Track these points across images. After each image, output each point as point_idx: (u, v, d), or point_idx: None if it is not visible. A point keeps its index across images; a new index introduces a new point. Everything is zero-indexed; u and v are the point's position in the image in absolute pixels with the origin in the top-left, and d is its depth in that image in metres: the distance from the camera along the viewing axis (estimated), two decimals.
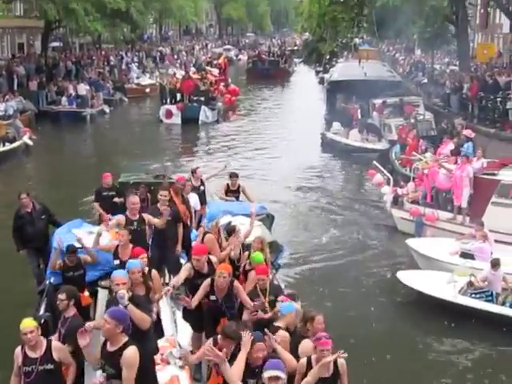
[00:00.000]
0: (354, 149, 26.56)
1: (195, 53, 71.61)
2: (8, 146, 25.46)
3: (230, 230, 10.70)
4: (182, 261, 10.77)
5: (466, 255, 13.85)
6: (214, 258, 9.35)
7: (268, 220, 13.52)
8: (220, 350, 6.77)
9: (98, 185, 13.82)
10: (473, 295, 12.52)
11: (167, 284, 10.38)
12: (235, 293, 8.44)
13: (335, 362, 7.09)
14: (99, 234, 10.45)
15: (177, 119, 34.23)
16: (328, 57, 43.58)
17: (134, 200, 10.83)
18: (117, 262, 9.75)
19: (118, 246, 9.95)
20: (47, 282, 10.75)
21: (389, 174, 18.87)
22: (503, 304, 12.36)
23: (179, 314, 9.72)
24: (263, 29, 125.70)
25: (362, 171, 23.07)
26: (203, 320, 8.72)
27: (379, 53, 47.03)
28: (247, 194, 14.52)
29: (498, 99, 24.52)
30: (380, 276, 14.95)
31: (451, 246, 14.43)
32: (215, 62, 51.82)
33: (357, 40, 42.83)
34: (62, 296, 8.28)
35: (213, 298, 8.49)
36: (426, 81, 37.67)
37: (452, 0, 31.53)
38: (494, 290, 12.54)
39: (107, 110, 37.92)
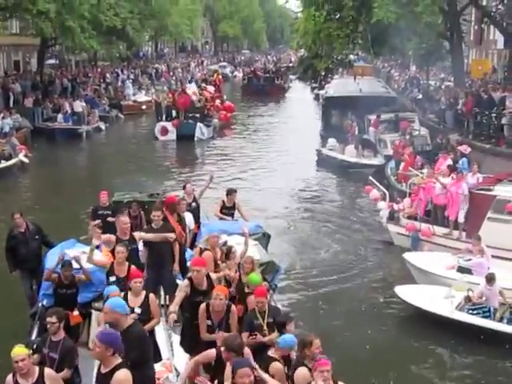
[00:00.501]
0: (349, 165, 26.62)
1: (191, 70, 71.81)
2: (3, 164, 25.43)
3: (227, 251, 10.57)
4: (179, 281, 10.55)
5: (463, 270, 13.84)
6: (213, 275, 9.23)
7: (264, 239, 13.29)
8: (224, 364, 6.86)
9: (94, 203, 13.87)
10: (470, 311, 12.49)
11: (163, 306, 10.40)
12: (229, 317, 8.31)
13: None
14: (92, 250, 10.26)
15: (172, 136, 34.19)
16: (323, 73, 43.76)
17: (124, 220, 10.70)
18: (113, 278, 9.59)
19: (113, 262, 9.81)
20: (40, 305, 10.57)
21: (385, 190, 18.89)
22: (501, 320, 12.31)
23: (175, 337, 9.57)
24: (259, 45, 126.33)
25: (358, 187, 23.10)
26: (198, 344, 8.44)
27: (374, 69, 47.39)
28: (242, 211, 14.33)
29: (493, 115, 24.56)
30: (377, 291, 14.92)
31: (448, 261, 14.43)
32: (210, 78, 51.94)
33: (352, 56, 43.07)
34: (52, 319, 8.13)
35: (208, 322, 8.31)
36: (420, 97, 37.79)
37: (446, 17, 31.68)
38: (491, 305, 12.50)
39: (103, 126, 37.93)
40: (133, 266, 9.67)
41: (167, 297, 10.64)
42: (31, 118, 34.36)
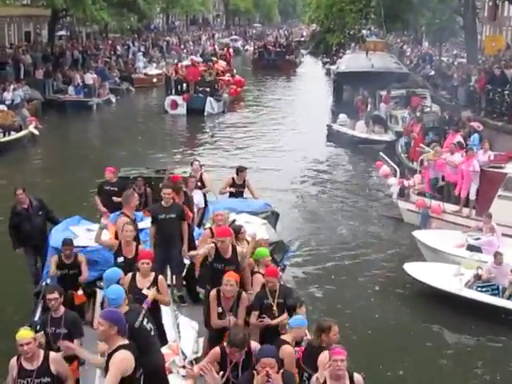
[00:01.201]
0: (360, 140, 26.53)
1: (202, 43, 71.45)
2: (14, 135, 25.49)
3: (236, 230, 9.98)
4: (187, 261, 10.48)
5: (472, 248, 13.81)
6: (240, 249, 8.91)
7: (273, 217, 12.89)
8: (230, 360, 6.71)
9: (102, 176, 13.48)
10: (479, 288, 12.49)
11: (169, 286, 9.95)
12: (239, 304, 8.08)
13: (351, 378, 6.66)
14: (101, 228, 9.70)
15: (182, 110, 33.97)
16: (335, 48, 43.42)
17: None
18: (121, 259, 9.26)
19: (120, 242, 9.41)
20: (43, 284, 10.30)
21: (395, 166, 18.82)
22: (509, 298, 12.30)
23: (182, 318, 9.39)
24: (270, 19, 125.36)
25: (369, 163, 23.01)
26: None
27: (387, 45, 46.83)
28: (252, 189, 13.93)
29: (506, 92, 24.36)
30: (386, 267, 14.95)
31: (458, 239, 14.42)
32: (220, 52, 51.62)
33: (364, 31, 42.68)
34: (54, 295, 7.80)
35: (219, 309, 8.09)
36: (433, 73, 37.50)
37: None
38: (500, 283, 12.49)
39: (114, 99, 37.90)
40: (141, 246, 9.46)
41: (174, 277, 10.46)
42: (42, 90, 34.35)
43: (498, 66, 27.35)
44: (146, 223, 10.87)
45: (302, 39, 79.61)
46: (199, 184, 13.29)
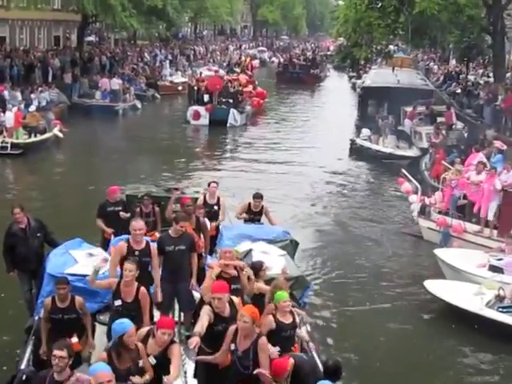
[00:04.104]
0: (384, 155, 26.43)
1: (229, 53, 71.75)
2: (38, 137, 25.72)
3: (257, 267, 9.11)
4: (196, 295, 9.56)
5: (494, 268, 13.67)
6: (236, 299, 8.06)
7: (291, 246, 11.65)
8: None
9: (124, 181, 13.16)
10: (500, 309, 12.34)
11: (176, 323, 9.29)
12: (258, 352, 7.16)
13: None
14: (96, 271, 8.56)
15: (205, 121, 33.56)
16: (362, 63, 43.40)
17: (137, 225, 9.08)
18: (118, 302, 8.21)
19: (119, 282, 8.32)
20: (36, 318, 9.09)
21: (417, 183, 18.71)
22: None
23: (190, 365, 8.36)
24: (298, 32, 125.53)
25: (392, 178, 22.90)
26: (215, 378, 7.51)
27: (413, 61, 46.82)
28: (269, 217, 12.82)
29: None
30: (406, 284, 14.83)
31: (479, 259, 14.27)
32: (243, 63, 51.67)
33: (391, 47, 42.65)
34: (62, 353, 6.56)
35: (232, 346, 7.29)
36: (459, 91, 37.34)
37: (490, 11, 31.17)
38: None
39: (139, 105, 38.17)
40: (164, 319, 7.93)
41: (182, 314, 9.75)
42: (69, 94, 34.69)
43: None
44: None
45: (329, 53, 79.67)
46: (215, 208, 12.53)
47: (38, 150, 25.14)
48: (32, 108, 27.42)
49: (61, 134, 26.83)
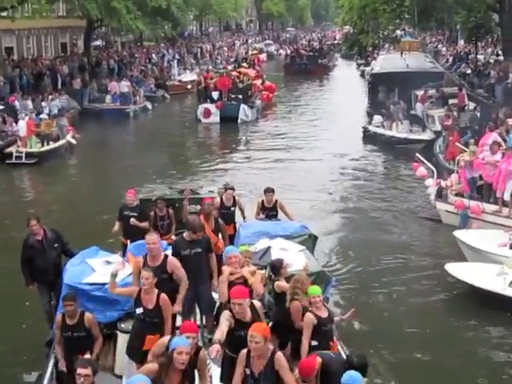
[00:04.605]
0: (398, 140, 26.33)
1: (236, 48, 71.74)
2: (51, 145, 25.82)
3: (277, 265, 8.90)
4: (216, 296, 9.27)
5: None
6: (257, 303, 7.81)
7: (310, 241, 11.37)
8: None
9: (139, 183, 13.05)
10: None
11: (199, 327, 9.17)
12: (277, 369, 6.72)
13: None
14: (114, 276, 8.43)
15: (215, 118, 33.44)
16: (369, 49, 43.25)
17: (149, 238, 8.77)
18: (139, 310, 8.07)
19: (140, 289, 8.15)
20: (56, 331, 8.80)
21: (432, 167, 18.62)
22: None
23: (214, 369, 8.06)
24: (303, 23, 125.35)
25: (407, 163, 22.77)
26: None
27: (421, 44, 46.54)
28: (286, 211, 12.56)
29: None
30: (427, 269, 14.76)
31: (500, 238, 14.18)
32: (249, 57, 51.57)
33: (398, 32, 42.43)
34: (86, 370, 6.37)
35: (247, 371, 6.79)
36: (469, 71, 37.10)
37: None
38: None
39: (150, 106, 38.28)
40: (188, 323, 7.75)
41: (203, 317, 9.58)
42: (79, 100, 34.83)
43: None
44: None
45: (336, 42, 79.42)
46: (232, 209, 12.47)
47: (52, 158, 25.27)
48: (44, 116, 27.57)
49: (74, 141, 26.92)
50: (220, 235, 11.00)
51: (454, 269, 13.38)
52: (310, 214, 17.57)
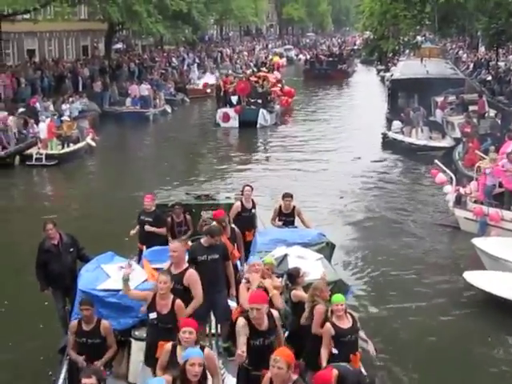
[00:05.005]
0: (418, 147, 26.25)
1: (255, 53, 71.86)
2: (72, 147, 26.01)
3: (294, 274, 8.80)
4: (233, 305, 9.38)
5: None
6: (275, 313, 7.66)
7: (328, 249, 11.20)
8: None
9: (157, 187, 12.90)
10: None
11: (213, 335, 9.32)
12: None
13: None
14: (126, 280, 8.29)
15: (234, 123, 33.38)
16: (390, 55, 43.22)
17: (171, 246, 8.69)
18: (153, 315, 7.93)
19: (155, 294, 8.00)
20: (70, 336, 8.75)
21: (451, 173, 18.57)
22: None
23: (229, 378, 8.07)
24: (324, 28, 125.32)
25: (426, 170, 22.71)
26: None
27: (442, 50, 46.42)
28: (303, 217, 12.46)
29: None
30: (445, 277, 14.68)
31: None
32: (270, 62, 51.58)
33: (419, 38, 42.31)
34: (89, 380, 6.30)
35: None
36: (490, 78, 36.93)
37: None
38: None
39: (169, 110, 38.42)
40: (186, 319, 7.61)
41: (219, 325, 9.46)
42: (99, 103, 35.06)
43: None
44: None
45: (356, 47, 79.31)
46: (253, 211, 12.39)
47: (72, 160, 25.44)
48: (65, 118, 27.79)
49: (93, 143, 27.12)
50: (236, 244, 10.80)
51: (473, 277, 13.30)
52: (327, 220, 17.58)
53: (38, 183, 24.41)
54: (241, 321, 7.40)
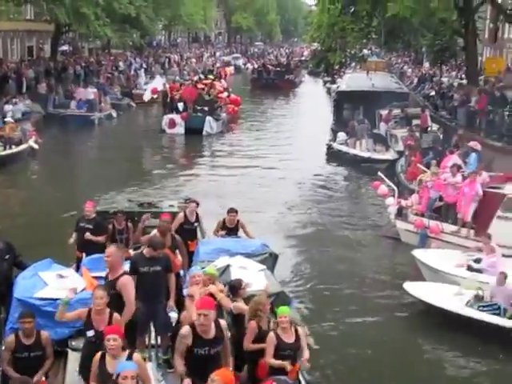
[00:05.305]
0: (362, 159, 26.57)
1: (203, 60, 71.77)
2: (13, 149, 25.48)
3: (236, 286, 8.85)
4: (173, 315, 9.33)
5: (472, 268, 13.78)
6: (223, 322, 7.66)
7: (271, 260, 11.23)
8: None
9: (100, 192, 12.65)
10: (480, 308, 12.43)
11: (153, 346, 9.21)
12: None
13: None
14: (65, 304, 7.89)
15: (180, 129, 33.14)
16: (336, 67, 43.75)
17: (108, 250, 8.48)
18: (91, 333, 7.62)
19: (90, 310, 7.72)
20: (3, 348, 8.37)
21: (393, 186, 18.85)
22: (511, 318, 12.22)
23: None
24: (272, 38, 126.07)
25: (368, 182, 23.01)
26: None
27: (387, 64, 47.23)
28: (246, 230, 12.47)
29: (506, 113, 24.47)
30: (385, 287, 14.88)
31: (458, 259, 14.39)
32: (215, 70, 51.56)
33: (365, 51, 42.99)
34: None
35: None
36: (433, 93, 37.65)
37: (461, 13, 31.50)
38: (502, 304, 12.38)
39: (115, 114, 38.04)
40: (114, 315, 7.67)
41: (159, 337, 9.30)
42: (44, 105, 34.46)
43: (498, 87, 27.50)
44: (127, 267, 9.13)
45: (303, 58, 79.96)
46: (195, 224, 12.19)
47: (13, 162, 24.94)
48: (9, 119, 27.23)
49: (36, 145, 26.63)
50: (178, 252, 10.54)
51: (413, 288, 13.52)
52: (271, 230, 17.56)
53: None
54: (185, 329, 7.31)
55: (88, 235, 11.48)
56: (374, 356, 11.85)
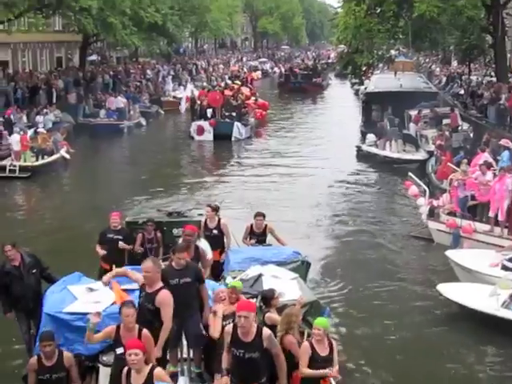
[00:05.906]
0: (392, 160, 26.44)
1: (231, 66, 72.02)
2: (46, 159, 25.81)
3: (268, 296, 8.60)
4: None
5: (507, 267, 13.60)
6: (267, 331, 7.45)
7: (303, 268, 10.97)
8: None
9: (127, 206, 12.56)
10: None
11: (185, 360, 8.94)
12: None
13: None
14: (92, 329, 7.73)
15: (209, 136, 33.21)
16: (364, 69, 43.59)
17: (146, 266, 8.10)
18: (120, 350, 7.46)
19: (118, 326, 7.58)
20: (29, 373, 8.17)
21: (424, 186, 18.72)
22: None
23: None
24: (298, 41, 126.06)
25: (399, 183, 22.86)
26: None
27: (415, 64, 46.88)
28: (276, 235, 12.14)
29: None
30: (419, 289, 14.76)
31: (492, 258, 14.20)
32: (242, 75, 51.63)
33: (393, 52, 42.72)
34: None
35: None
36: (462, 92, 37.36)
37: (489, 11, 31.20)
38: None
39: (144, 122, 38.29)
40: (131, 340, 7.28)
41: (191, 351, 9.01)
42: (74, 114, 34.82)
43: None
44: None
45: (330, 61, 79.77)
46: (215, 231, 11.73)
47: (46, 172, 25.24)
48: (41, 130, 27.59)
49: (68, 155, 26.91)
50: (200, 264, 10.20)
51: (446, 289, 13.36)
52: (302, 234, 17.58)
53: (10, 195, 24.12)
54: (229, 326, 7.42)
55: (122, 244, 11.50)
56: (406, 359, 11.77)
